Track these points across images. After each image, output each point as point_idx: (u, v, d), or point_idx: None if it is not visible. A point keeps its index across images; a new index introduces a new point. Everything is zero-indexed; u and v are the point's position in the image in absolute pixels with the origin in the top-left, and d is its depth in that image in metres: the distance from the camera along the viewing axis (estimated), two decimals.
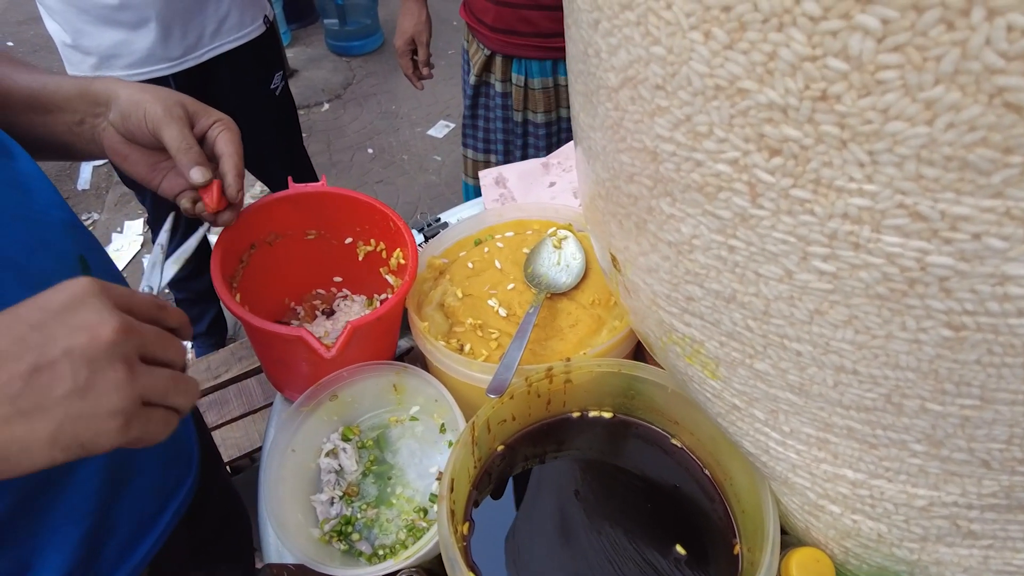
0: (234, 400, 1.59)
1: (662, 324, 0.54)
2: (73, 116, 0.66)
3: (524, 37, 1.37)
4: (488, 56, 1.46)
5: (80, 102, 0.66)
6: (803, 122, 0.33)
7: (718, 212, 0.40)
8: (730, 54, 0.34)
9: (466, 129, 1.63)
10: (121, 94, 0.65)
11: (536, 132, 1.49)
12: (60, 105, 0.66)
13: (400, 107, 3.41)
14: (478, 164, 1.64)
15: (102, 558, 0.67)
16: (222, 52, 1.48)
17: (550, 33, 1.35)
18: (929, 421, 0.42)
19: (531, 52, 1.39)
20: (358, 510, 0.72)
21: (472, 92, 1.55)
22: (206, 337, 2.08)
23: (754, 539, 0.59)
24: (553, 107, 1.46)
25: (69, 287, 0.42)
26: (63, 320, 0.40)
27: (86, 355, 0.40)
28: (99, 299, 0.42)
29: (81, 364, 0.40)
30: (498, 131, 1.55)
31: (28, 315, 0.40)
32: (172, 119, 0.63)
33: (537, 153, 1.52)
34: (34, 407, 0.39)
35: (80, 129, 0.67)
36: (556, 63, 1.40)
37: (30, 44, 3.94)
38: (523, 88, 1.44)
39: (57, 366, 0.39)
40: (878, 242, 0.34)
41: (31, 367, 0.38)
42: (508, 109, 1.50)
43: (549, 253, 0.83)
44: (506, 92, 1.48)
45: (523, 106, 1.47)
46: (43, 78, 0.67)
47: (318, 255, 0.86)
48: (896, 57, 0.28)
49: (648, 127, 0.42)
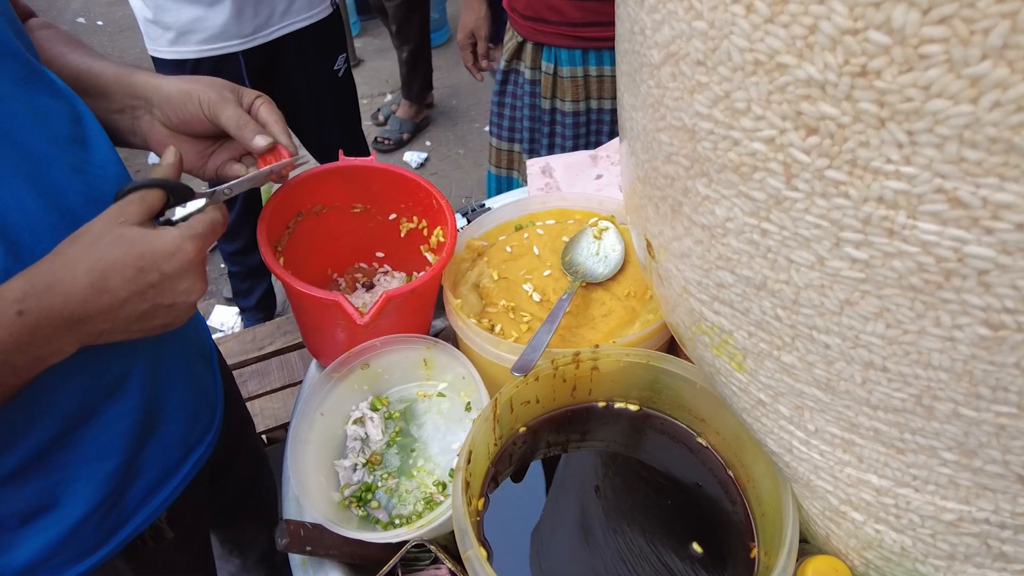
0: (276, 372, 1.64)
1: (692, 313, 0.54)
2: (112, 103, 0.70)
3: (553, 25, 1.37)
4: (519, 43, 1.48)
5: (117, 90, 0.70)
6: (841, 99, 0.32)
7: (752, 193, 0.40)
8: (770, 27, 0.33)
9: (492, 117, 1.65)
10: (163, 87, 0.68)
11: (563, 121, 1.49)
12: (101, 91, 0.70)
13: (460, 102, 3.45)
14: (501, 153, 1.65)
15: (127, 498, 0.70)
16: (290, 32, 1.53)
17: (578, 22, 1.34)
18: (961, 428, 0.40)
19: (560, 40, 1.39)
20: (379, 478, 0.73)
21: (501, 78, 1.56)
22: (254, 311, 2.15)
23: (772, 543, 0.57)
24: (582, 96, 1.45)
25: (180, 255, 0.55)
26: (173, 286, 0.56)
27: (180, 311, 0.58)
28: (196, 268, 0.57)
29: (175, 315, 0.58)
30: (524, 119, 1.55)
31: (147, 275, 0.54)
32: (226, 101, 0.67)
33: (563, 143, 1.52)
34: (137, 331, 0.57)
35: (120, 117, 0.70)
36: (586, 52, 1.40)
37: (117, 24, 4.15)
38: (552, 76, 1.44)
39: (161, 311, 0.57)
40: (914, 229, 0.33)
41: (143, 312, 0.55)
42: (536, 96, 1.50)
43: (588, 243, 0.82)
44: (535, 79, 1.48)
45: (551, 94, 1.47)
46: (89, 61, 0.71)
47: (362, 229, 0.87)
48: (941, 30, 0.27)
49: (687, 104, 0.41)
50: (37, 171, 0.57)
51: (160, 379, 0.71)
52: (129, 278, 0.53)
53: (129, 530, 0.72)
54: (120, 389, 0.66)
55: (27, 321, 0.50)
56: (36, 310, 0.50)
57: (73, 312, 0.51)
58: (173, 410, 0.73)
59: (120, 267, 0.52)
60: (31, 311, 0.50)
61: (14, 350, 0.50)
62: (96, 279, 0.52)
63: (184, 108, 0.67)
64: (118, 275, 0.52)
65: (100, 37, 4.03)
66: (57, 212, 0.57)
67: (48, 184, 0.57)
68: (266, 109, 0.69)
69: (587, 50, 1.39)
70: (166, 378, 0.73)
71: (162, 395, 0.71)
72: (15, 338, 0.50)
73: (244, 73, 1.51)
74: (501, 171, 1.68)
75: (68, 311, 0.51)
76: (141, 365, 0.68)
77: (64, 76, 0.69)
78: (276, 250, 0.78)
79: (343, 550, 0.65)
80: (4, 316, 0.49)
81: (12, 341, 0.50)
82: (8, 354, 0.50)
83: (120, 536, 0.71)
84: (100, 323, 0.53)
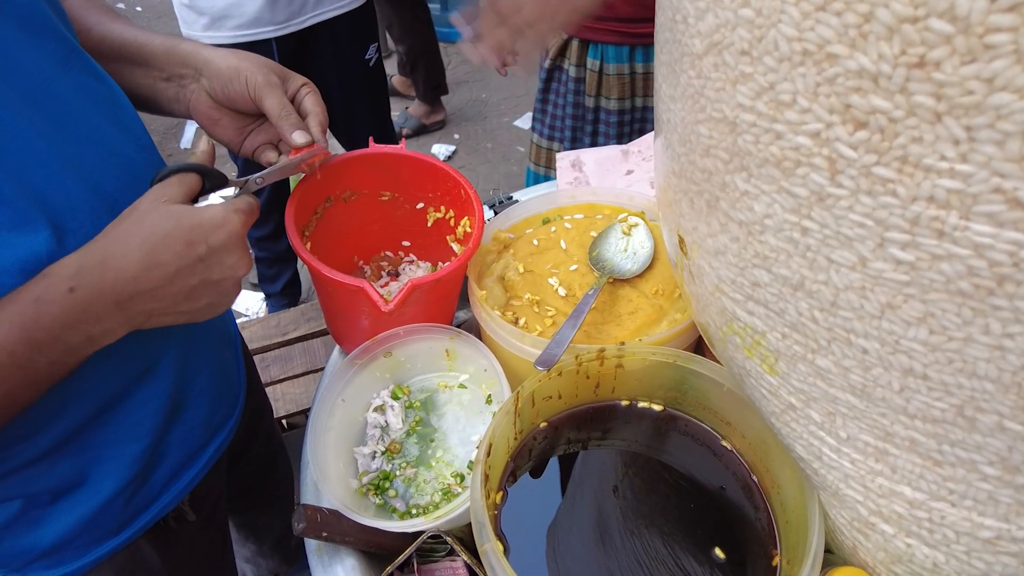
0: (298, 357, 1.65)
1: (724, 312, 0.52)
2: (160, 73, 0.70)
3: (602, 21, 1.35)
4: (564, 41, 1.46)
5: (167, 59, 0.69)
6: (895, 92, 0.31)
7: (794, 189, 0.38)
8: (822, 16, 0.32)
9: (535, 114, 1.64)
10: (214, 60, 0.68)
11: (607, 119, 1.47)
12: (147, 60, 0.70)
13: (490, 96, 3.44)
14: (541, 150, 1.64)
15: (152, 479, 0.71)
16: (323, 20, 1.54)
17: (629, 18, 1.32)
18: (1006, 442, 0.38)
19: (608, 37, 1.37)
20: (398, 467, 0.73)
21: (545, 76, 1.55)
22: (279, 297, 2.17)
23: (795, 552, 0.56)
24: (627, 94, 1.43)
25: (228, 227, 0.56)
26: (220, 259, 0.56)
27: (227, 288, 0.58)
28: (242, 243, 0.58)
29: (222, 293, 0.58)
30: (567, 117, 1.53)
31: (196, 248, 0.54)
32: (271, 87, 0.67)
33: (607, 141, 1.49)
34: (184, 312, 0.57)
35: (166, 86, 0.70)
36: (633, 49, 1.38)
37: (155, 10, 4.21)
38: (598, 73, 1.42)
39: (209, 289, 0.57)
40: (966, 231, 0.31)
41: (192, 289, 0.55)
42: (580, 95, 1.48)
43: (617, 238, 0.81)
44: (579, 77, 1.46)
45: (596, 91, 1.45)
46: (134, 31, 0.71)
47: (390, 217, 0.87)
48: (1011, 18, 0.26)
49: (729, 96, 0.40)
50: (78, 154, 0.57)
51: (189, 364, 0.72)
52: (178, 252, 0.53)
53: (153, 512, 0.72)
54: (152, 373, 0.67)
55: (79, 298, 0.50)
56: (88, 287, 0.50)
57: (124, 289, 0.52)
58: (198, 394, 0.74)
59: (170, 240, 0.53)
60: (83, 287, 0.50)
61: (68, 327, 0.50)
62: (146, 253, 0.52)
63: (231, 85, 0.67)
64: (168, 249, 0.53)
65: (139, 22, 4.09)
66: (96, 196, 0.58)
67: (88, 168, 0.58)
68: (311, 100, 0.69)
69: (634, 47, 1.37)
70: (194, 363, 0.73)
71: (189, 379, 0.72)
72: (67, 314, 0.50)
73: (276, 60, 1.51)
74: (540, 168, 1.66)
75: (119, 287, 0.51)
76: (173, 349, 0.69)
77: (107, 44, 0.69)
78: (303, 235, 0.78)
79: (359, 537, 0.65)
80: (57, 291, 0.50)
81: (65, 317, 0.50)
82: (62, 330, 0.50)
83: (144, 518, 0.72)
84: (150, 301, 0.54)
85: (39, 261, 0.52)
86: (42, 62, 0.56)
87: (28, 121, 0.53)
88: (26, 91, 0.54)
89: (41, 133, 0.54)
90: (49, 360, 0.51)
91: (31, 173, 0.53)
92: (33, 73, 0.55)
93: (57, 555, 0.67)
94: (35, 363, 0.50)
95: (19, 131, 0.52)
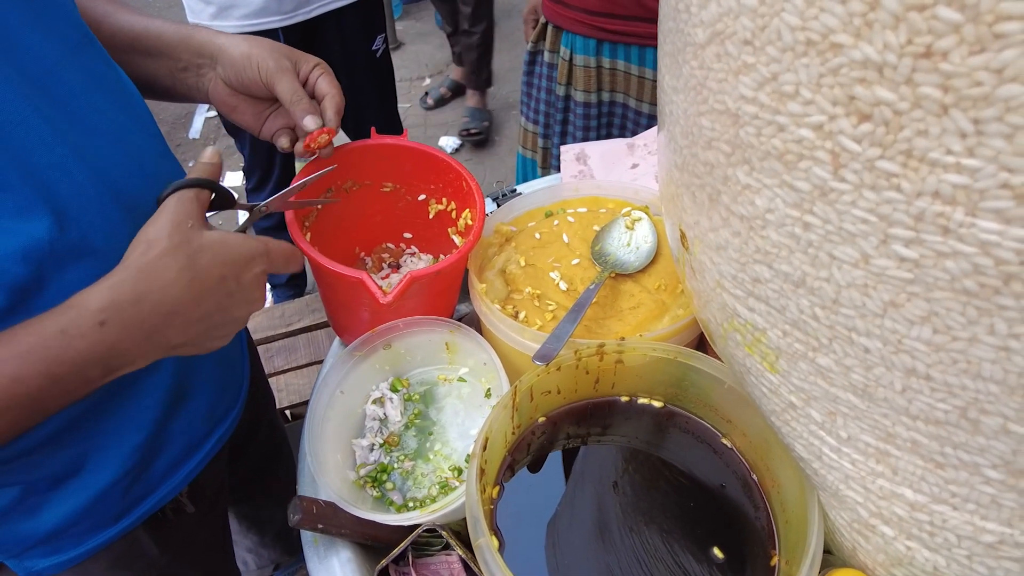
0: (302, 349, 1.65)
1: (725, 308, 0.51)
2: (176, 63, 0.70)
3: (572, 10, 1.34)
4: (544, 24, 1.45)
5: (183, 49, 0.69)
6: (900, 83, 0.30)
7: (796, 183, 0.37)
8: (826, 4, 0.31)
9: (522, 96, 1.63)
10: (227, 48, 0.68)
11: (575, 110, 1.46)
12: (163, 50, 0.69)
13: (499, 89, 3.42)
14: (527, 134, 1.63)
15: (151, 470, 0.71)
16: (330, 10, 1.53)
17: (596, 11, 1.31)
18: (1010, 445, 0.37)
19: (577, 27, 1.36)
20: (395, 460, 0.72)
21: (528, 59, 1.54)
22: (285, 288, 2.17)
23: (794, 552, 0.55)
24: (594, 88, 1.41)
25: (249, 247, 0.55)
26: (246, 296, 0.56)
27: (239, 325, 0.58)
28: (265, 263, 0.57)
29: (233, 330, 0.58)
30: (542, 103, 1.53)
31: (227, 284, 0.54)
32: (283, 72, 0.66)
33: (575, 132, 1.48)
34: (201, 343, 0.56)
35: (184, 75, 0.70)
36: (601, 44, 1.36)
37: (164, 0, 4.21)
38: (568, 63, 1.41)
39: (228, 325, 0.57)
40: (972, 227, 0.31)
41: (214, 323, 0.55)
42: (552, 81, 1.47)
43: (620, 233, 0.80)
44: (552, 63, 1.45)
45: (567, 80, 1.44)
46: (146, 21, 0.71)
47: (391, 209, 0.87)
48: (1022, 6, 0.25)
49: (732, 87, 0.39)
50: (85, 141, 0.57)
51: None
52: (211, 288, 0.52)
53: (152, 502, 0.72)
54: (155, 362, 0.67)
55: (109, 331, 0.48)
56: (121, 320, 0.49)
57: (159, 323, 0.50)
58: (201, 385, 0.74)
59: (206, 275, 0.52)
60: (115, 321, 0.48)
61: (92, 362, 0.49)
62: (185, 286, 0.51)
63: (244, 72, 0.67)
64: (203, 283, 0.52)
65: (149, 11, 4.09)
66: (102, 183, 0.57)
67: (94, 155, 0.57)
68: (324, 81, 0.69)
69: (602, 41, 1.35)
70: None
71: (192, 370, 0.72)
72: (94, 349, 0.48)
73: None
74: (527, 152, 1.66)
75: (155, 320, 0.50)
76: None
77: (120, 37, 0.69)
78: (304, 226, 0.77)
79: (355, 530, 0.65)
80: (85, 324, 0.48)
81: (90, 352, 0.48)
82: (84, 365, 0.48)
83: (143, 508, 0.72)
84: (180, 335, 0.53)
85: (41, 248, 0.51)
86: (52, 47, 0.55)
87: (35, 107, 0.52)
88: (34, 76, 0.53)
89: (48, 119, 0.53)
90: (63, 391, 0.49)
91: (36, 159, 0.52)
92: (42, 58, 0.54)
93: (55, 542, 0.68)
94: (49, 395, 0.48)
95: (25, 116, 0.51)
